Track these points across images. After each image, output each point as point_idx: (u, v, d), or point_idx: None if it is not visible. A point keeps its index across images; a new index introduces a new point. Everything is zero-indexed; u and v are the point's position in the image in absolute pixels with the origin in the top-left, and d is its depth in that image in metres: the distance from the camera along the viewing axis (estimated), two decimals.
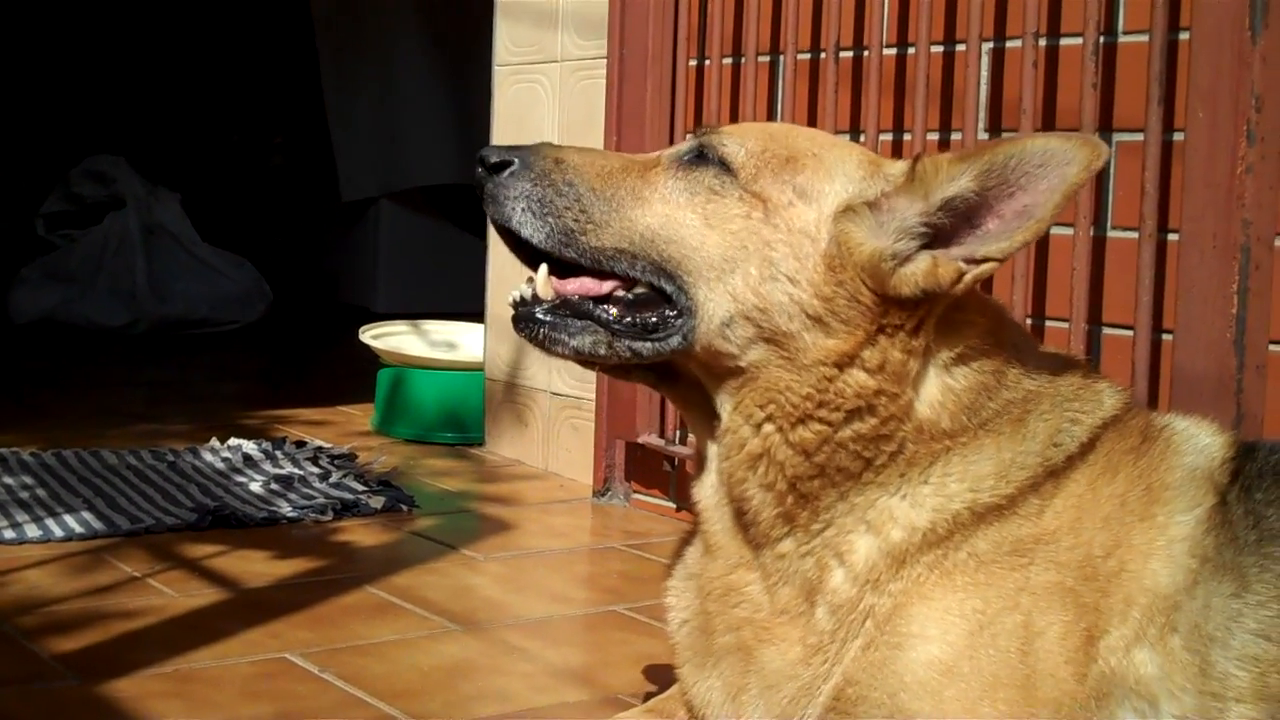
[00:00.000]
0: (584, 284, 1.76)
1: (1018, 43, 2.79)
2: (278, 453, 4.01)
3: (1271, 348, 2.44)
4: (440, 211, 8.32)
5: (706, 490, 1.82)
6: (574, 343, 1.75)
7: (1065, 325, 2.68)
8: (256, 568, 2.96)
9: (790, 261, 1.68)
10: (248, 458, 3.94)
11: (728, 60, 3.46)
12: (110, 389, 5.50)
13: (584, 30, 3.89)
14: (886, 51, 3.09)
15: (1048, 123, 2.81)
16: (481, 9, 4.52)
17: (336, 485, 3.67)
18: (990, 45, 2.90)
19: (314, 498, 3.54)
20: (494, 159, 1.78)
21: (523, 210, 1.75)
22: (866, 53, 3.05)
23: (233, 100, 9.57)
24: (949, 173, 1.67)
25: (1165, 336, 2.58)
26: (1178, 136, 2.54)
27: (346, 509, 3.46)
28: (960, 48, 2.92)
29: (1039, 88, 2.76)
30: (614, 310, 1.74)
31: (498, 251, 4.30)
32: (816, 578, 1.72)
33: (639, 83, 3.56)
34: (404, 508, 3.55)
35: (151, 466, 3.80)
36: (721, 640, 1.79)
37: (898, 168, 1.74)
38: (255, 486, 3.63)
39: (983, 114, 2.90)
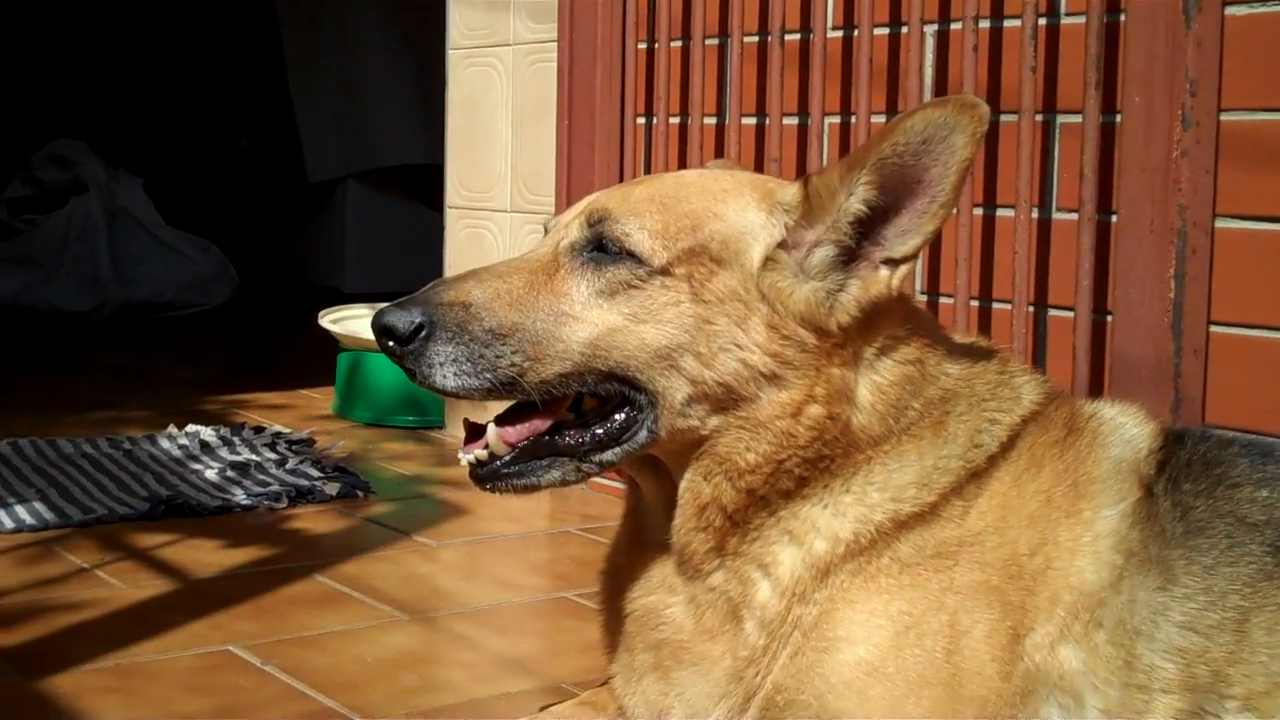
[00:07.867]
0: (533, 425, 1.72)
1: (960, 25, 2.78)
2: (235, 439, 3.99)
3: (1213, 329, 2.45)
4: (407, 190, 8.30)
5: (655, 577, 1.80)
6: (545, 480, 1.72)
7: (1009, 307, 2.68)
8: (206, 557, 2.96)
9: (733, 330, 1.66)
10: (205, 445, 3.92)
11: (676, 43, 3.45)
12: (72, 375, 5.48)
13: (536, 14, 3.87)
14: (831, 34, 3.08)
15: (992, 103, 2.80)
16: None
17: (293, 471, 3.66)
18: (934, 28, 2.89)
19: (269, 485, 3.53)
20: (403, 328, 1.66)
21: (455, 374, 1.67)
22: (812, 35, 3.04)
23: (196, 82, 9.51)
24: (846, 185, 1.65)
25: (1108, 318, 2.58)
26: (1119, 118, 2.54)
27: (302, 496, 3.45)
28: (904, 30, 2.91)
29: (981, 70, 2.76)
30: (571, 433, 1.72)
31: (454, 232, 4.29)
32: (741, 594, 1.71)
33: (589, 67, 3.55)
34: (360, 493, 3.54)
35: (107, 455, 3.79)
36: (640, 658, 1.79)
37: (790, 193, 1.71)
38: (211, 474, 3.62)
39: (927, 95, 2.89)
